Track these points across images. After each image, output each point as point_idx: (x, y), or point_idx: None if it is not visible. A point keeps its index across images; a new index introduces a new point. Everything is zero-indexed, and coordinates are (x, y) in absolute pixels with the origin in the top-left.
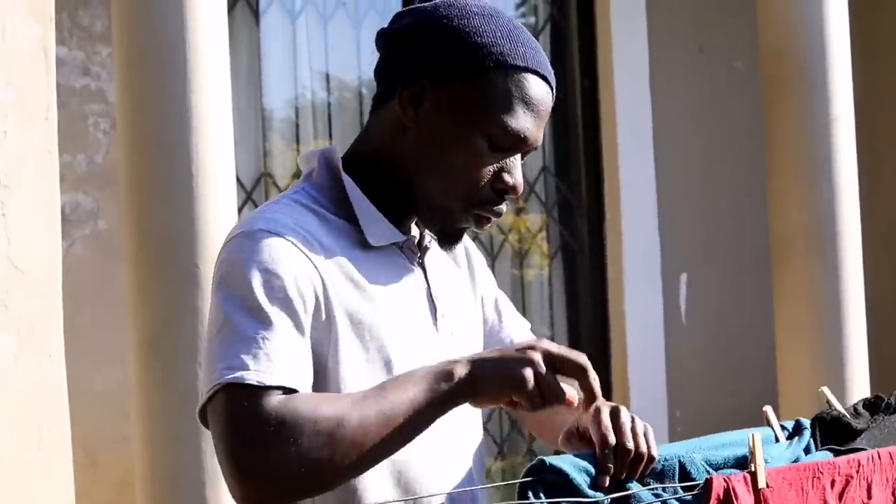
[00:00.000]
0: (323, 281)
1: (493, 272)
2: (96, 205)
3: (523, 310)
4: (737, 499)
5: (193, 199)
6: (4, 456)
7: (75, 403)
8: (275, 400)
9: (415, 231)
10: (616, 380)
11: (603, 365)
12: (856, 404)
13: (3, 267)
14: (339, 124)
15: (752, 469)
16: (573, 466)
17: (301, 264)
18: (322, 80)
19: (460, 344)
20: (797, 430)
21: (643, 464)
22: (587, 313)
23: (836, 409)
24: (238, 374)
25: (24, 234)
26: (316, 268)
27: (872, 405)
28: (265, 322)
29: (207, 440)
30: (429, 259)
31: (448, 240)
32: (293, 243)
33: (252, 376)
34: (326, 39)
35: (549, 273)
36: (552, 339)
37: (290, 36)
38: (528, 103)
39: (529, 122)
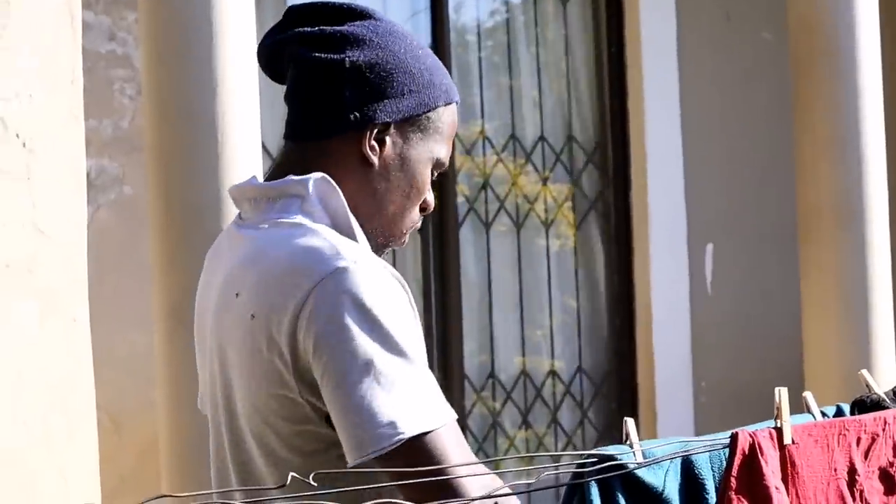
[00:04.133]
0: None
1: (519, 242)
2: (122, 170)
3: (548, 279)
4: (762, 454)
5: (219, 165)
6: (30, 420)
7: (99, 370)
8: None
9: None
10: (641, 350)
11: (628, 335)
12: (895, 388)
13: (29, 232)
14: None
15: (779, 425)
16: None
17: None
18: None
19: None
20: (838, 416)
21: None
22: (613, 283)
23: (875, 393)
24: (427, 424)
25: (49, 198)
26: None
27: None
28: (421, 365)
29: None
30: None
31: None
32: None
33: (435, 422)
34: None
35: (574, 242)
36: (577, 310)
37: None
38: (453, 132)
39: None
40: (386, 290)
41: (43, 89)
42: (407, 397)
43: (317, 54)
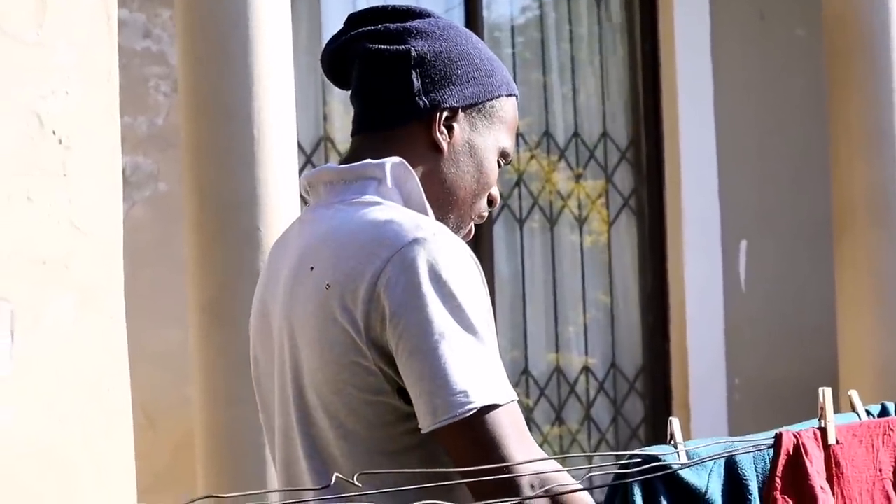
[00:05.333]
0: None
1: (552, 239)
2: (156, 167)
3: (581, 276)
4: (807, 454)
5: (255, 162)
6: (66, 417)
7: (134, 366)
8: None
9: None
10: (675, 347)
11: (662, 332)
12: None
13: (65, 228)
14: None
15: (823, 425)
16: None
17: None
18: None
19: None
20: (883, 415)
21: None
22: (646, 280)
23: None
24: (497, 397)
25: (85, 195)
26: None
27: None
28: (489, 343)
29: None
30: None
31: None
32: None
33: (503, 398)
34: (387, 1)
35: (607, 239)
36: (611, 306)
37: None
38: (515, 124)
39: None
40: (463, 264)
41: (79, 86)
42: (477, 370)
43: (383, 47)
